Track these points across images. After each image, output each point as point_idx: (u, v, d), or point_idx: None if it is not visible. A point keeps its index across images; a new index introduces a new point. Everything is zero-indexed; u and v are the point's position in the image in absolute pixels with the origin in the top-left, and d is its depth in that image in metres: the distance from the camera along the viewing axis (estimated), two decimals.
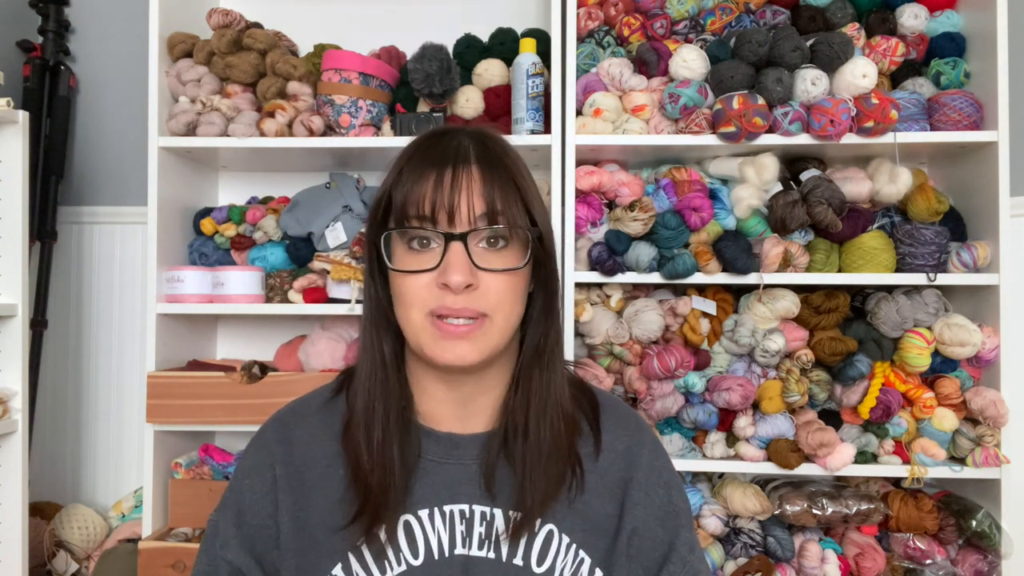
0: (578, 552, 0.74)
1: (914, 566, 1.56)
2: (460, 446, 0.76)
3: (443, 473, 0.75)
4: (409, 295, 0.69)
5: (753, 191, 1.55)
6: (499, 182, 0.69)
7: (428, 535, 0.73)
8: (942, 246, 1.55)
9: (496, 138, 0.74)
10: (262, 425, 0.80)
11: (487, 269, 0.68)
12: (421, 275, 0.68)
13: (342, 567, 0.72)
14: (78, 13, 2.01)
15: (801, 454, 1.55)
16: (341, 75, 1.66)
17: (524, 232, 0.71)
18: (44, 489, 1.94)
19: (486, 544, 0.73)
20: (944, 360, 1.58)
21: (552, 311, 0.76)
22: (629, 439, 0.80)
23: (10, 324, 1.57)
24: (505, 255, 0.70)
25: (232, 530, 0.75)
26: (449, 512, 0.73)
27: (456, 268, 0.66)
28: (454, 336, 0.68)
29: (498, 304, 0.69)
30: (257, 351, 1.90)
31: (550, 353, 0.76)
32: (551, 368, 0.75)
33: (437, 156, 0.70)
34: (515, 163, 0.73)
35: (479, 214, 0.68)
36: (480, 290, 0.68)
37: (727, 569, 1.57)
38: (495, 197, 0.68)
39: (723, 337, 1.60)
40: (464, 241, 0.67)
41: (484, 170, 0.69)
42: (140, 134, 1.69)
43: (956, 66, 1.61)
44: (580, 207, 1.60)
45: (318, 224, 1.70)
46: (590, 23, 1.70)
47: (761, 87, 1.54)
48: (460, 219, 0.67)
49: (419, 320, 0.69)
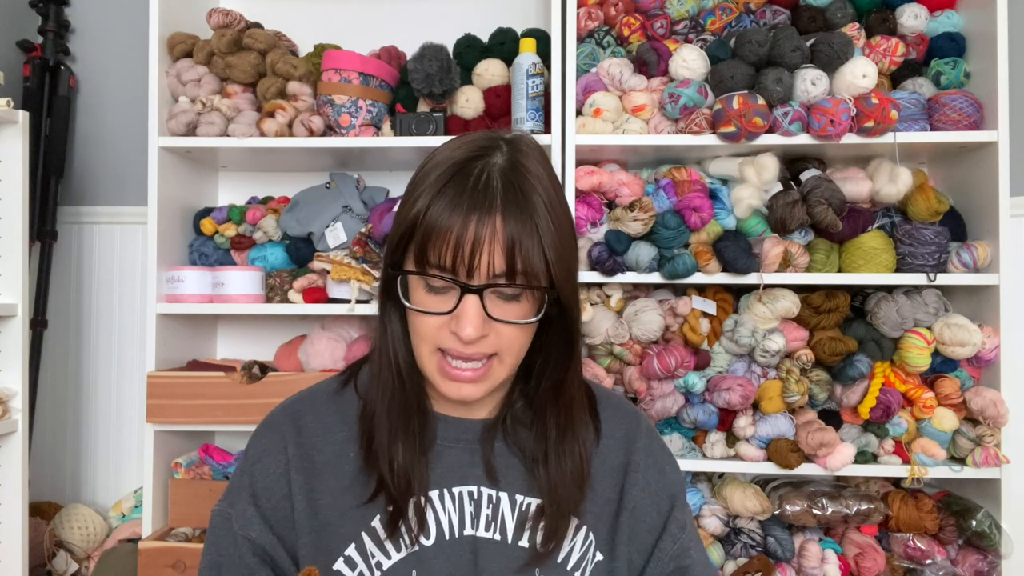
0: (588, 534, 0.76)
1: (914, 566, 1.56)
2: (467, 430, 0.78)
3: (452, 456, 0.77)
4: (421, 330, 0.71)
5: (753, 191, 1.55)
6: (524, 235, 0.66)
7: (439, 515, 0.75)
8: (942, 246, 1.55)
9: (528, 168, 0.70)
10: (269, 413, 0.81)
11: (500, 320, 0.69)
12: (434, 316, 0.69)
13: (355, 547, 0.73)
14: (78, 13, 2.01)
15: (801, 454, 1.55)
16: (341, 75, 1.66)
17: (542, 293, 0.70)
18: (44, 489, 1.94)
19: (493, 526, 0.75)
20: (944, 360, 1.58)
21: (573, 351, 0.75)
22: (627, 426, 0.83)
23: (10, 324, 1.57)
24: (519, 308, 0.70)
25: (251, 510, 0.75)
26: (458, 493, 0.76)
27: (469, 321, 0.67)
28: (461, 380, 0.70)
29: (508, 348, 0.71)
30: (257, 351, 1.90)
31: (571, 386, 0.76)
32: (575, 398, 0.77)
33: (466, 198, 0.67)
34: (547, 203, 0.69)
35: (499, 271, 0.67)
36: (490, 338, 0.69)
37: (727, 569, 1.57)
38: (516, 254, 0.66)
39: (723, 337, 1.60)
40: (480, 294, 0.67)
41: (510, 218, 0.66)
42: (140, 134, 1.69)
43: (956, 66, 1.61)
44: (580, 207, 1.60)
45: (318, 224, 1.70)
46: (590, 23, 1.70)
47: (761, 87, 1.54)
48: (479, 273, 0.66)
49: (428, 354, 0.71)
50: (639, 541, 0.79)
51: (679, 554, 0.79)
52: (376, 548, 0.73)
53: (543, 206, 0.68)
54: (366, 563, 0.73)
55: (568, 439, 0.76)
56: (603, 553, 0.77)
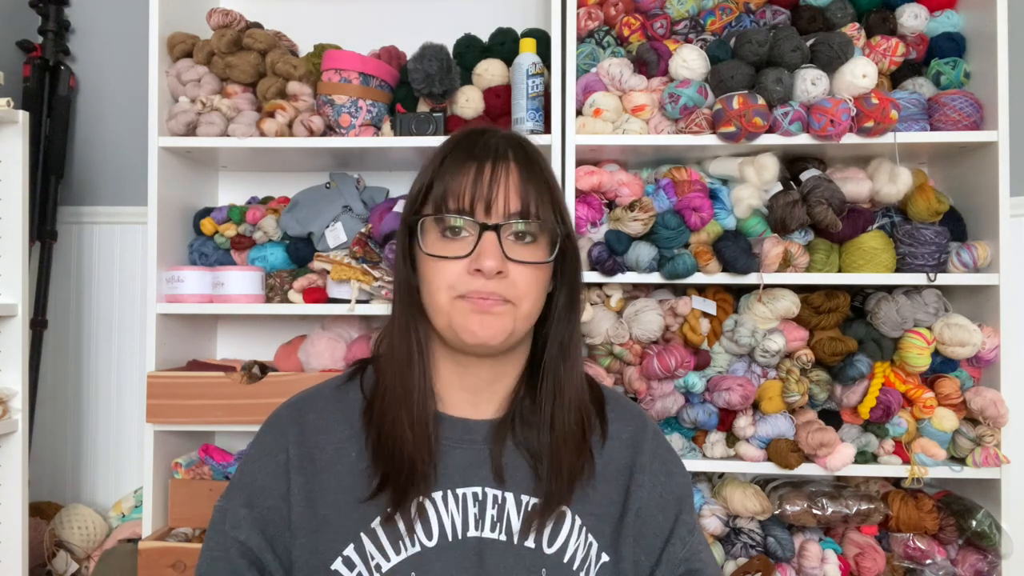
0: (588, 536, 0.76)
1: (914, 566, 1.56)
2: (472, 431, 0.78)
3: (456, 457, 0.77)
4: (439, 279, 0.72)
5: (753, 191, 1.55)
6: (534, 181, 0.74)
7: (442, 517, 0.74)
8: (942, 246, 1.55)
9: (531, 143, 0.79)
10: (274, 411, 0.82)
11: (517, 261, 0.72)
12: (452, 261, 0.72)
13: (354, 547, 0.73)
14: (78, 13, 2.01)
15: (801, 454, 1.55)
16: (341, 75, 1.66)
17: (552, 229, 0.75)
18: (44, 489, 1.94)
19: (498, 527, 0.75)
20: (944, 360, 1.58)
21: (576, 307, 0.80)
22: (633, 428, 0.83)
23: (10, 324, 1.57)
24: (533, 249, 0.74)
25: (243, 511, 0.75)
26: (463, 495, 0.75)
27: (490, 254, 0.70)
28: (483, 309, 0.71)
29: (525, 294, 0.73)
30: (257, 351, 1.90)
31: (575, 348, 0.79)
32: (575, 363, 0.79)
33: (479, 151, 0.74)
34: (549, 169, 0.78)
35: (513, 210, 0.72)
36: (508, 279, 0.72)
37: (727, 569, 1.57)
38: (530, 195, 0.73)
39: (723, 337, 1.60)
40: (498, 232, 0.71)
41: (522, 169, 0.74)
42: (140, 134, 1.69)
43: (956, 66, 1.61)
44: (580, 207, 1.60)
45: (318, 224, 1.70)
46: (590, 23, 1.70)
47: (761, 87, 1.54)
48: (496, 211, 0.72)
49: (447, 302, 0.72)
50: (646, 544, 0.79)
51: (689, 557, 0.79)
52: (375, 550, 0.73)
53: (546, 167, 0.77)
54: (365, 564, 0.72)
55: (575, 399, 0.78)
56: (609, 555, 0.77)
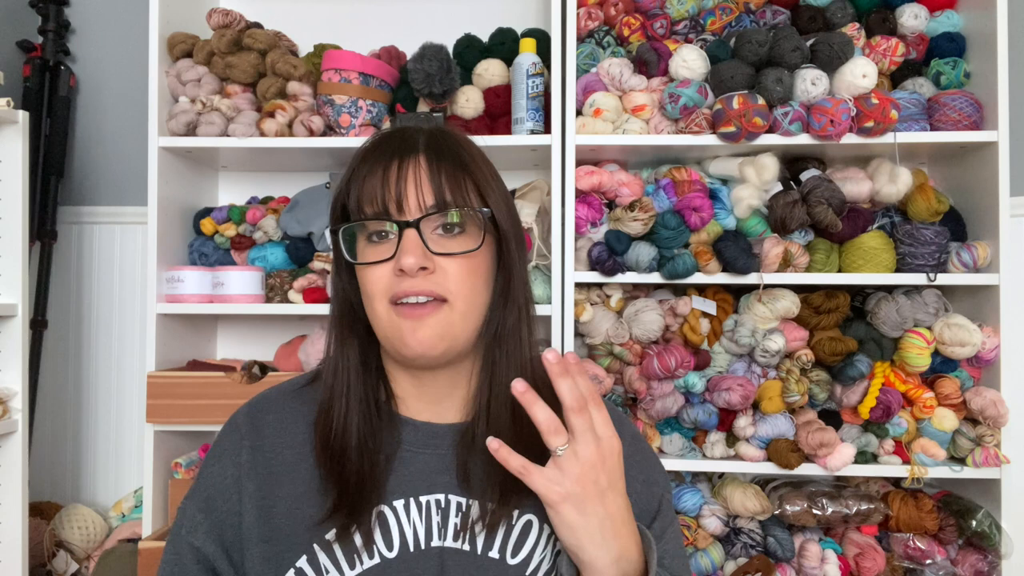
0: (556, 545, 0.72)
1: (914, 566, 1.56)
2: (437, 435, 0.75)
3: (419, 463, 0.73)
4: (371, 287, 0.70)
5: (753, 191, 1.55)
6: (447, 169, 0.70)
7: (403, 526, 0.71)
8: (942, 246, 1.55)
9: (449, 131, 0.75)
10: (237, 409, 0.79)
11: (441, 253, 0.69)
12: (380, 266, 0.69)
13: (307, 559, 0.69)
14: (78, 13, 2.01)
15: (801, 454, 1.55)
16: (341, 75, 1.66)
17: (477, 216, 0.71)
18: (44, 489, 1.94)
19: (461, 536, 0.71)
20: (944, 360, 1.57)
21: (510, 294, 0.75)
22: None
23: (10, 324, 1.57)
24: (461, 240, 0.71)
25: (200, 516, 0.73)
26: (425, 503, 0.72)
27: (408, 251, 0.67)
28: (414, 316, 0.68)
29: (457, 289, 0.69)
30: (257, 351, 1.90)
31: (510, 337, 0.75)
32: (511, 353, 0.75)
33: (385, 150, 0.72)
34: (468, 151, 0.74)
35: (429, 203, 0.69)
36: (437, 274, 0.69)
37: (727, 569, 1.57)
38: (443, 184, 0.69)
39: (723, 337, 1.60)
40: (417, 227, 0.68)
41: (431, 158, 0.71)
42: (140, 134, 1.69)
43: (956, 66, 1.61)
44: (580, 207, 1.60)
45: (318, 224, 1.70)
46: (590, 23, 1.70)
47: (761, 87, 1.54)
48: (409, 207, 0.69)
49: (383, 310, 0.70)
50: None
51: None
52: (329, 562, 0.68)
53: (465, 151, 0.73)
54: None
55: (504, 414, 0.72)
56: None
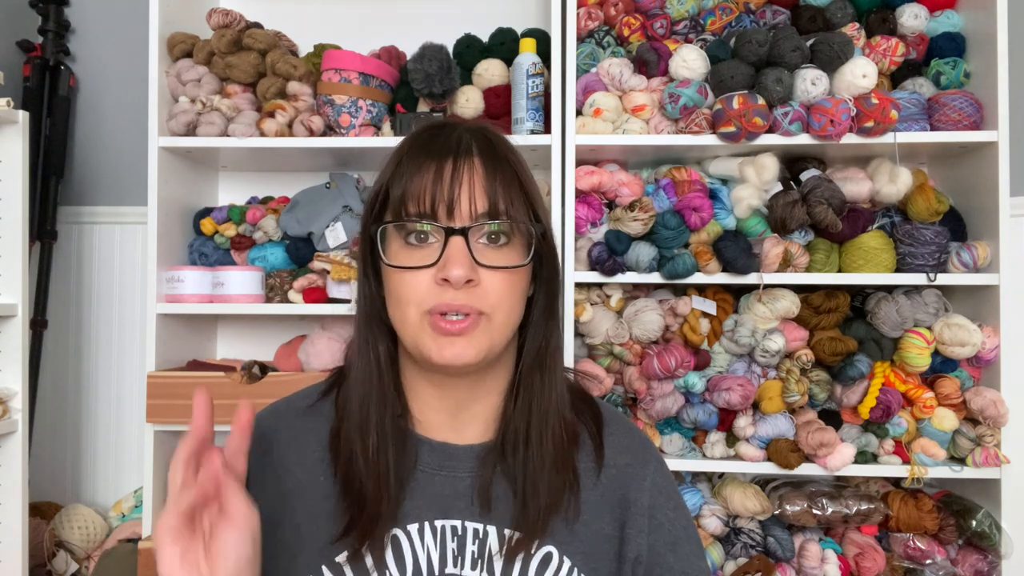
0: (572, 570, 0.69)
1: (914, 566, 1.56)
2: (454, 457, 0.71)
3: (435, 486, 0.70)
4: (406, 293, 0.65)
5: (753, 191, 1.55)
6: (502, 177, 0.66)
7: (417, 552, 0.67)
8: (942, 246, 1.55)
9: (498, 134, 0.71)
10: None
11: (488, 266, 0.65)
12: (419, 272, 0.65)
13: None
14: (78, 13, 2.01)
15: (801, 454, 1.55)
16: (341, 75, 1.66)
17: (527, 229, 0.67)
18: (44, 489, 1.93)
19: (479, 564, 0.67)
20: (944, 360, 1.57)
21: (554, 313, 0.72)
22: (632, 456, 0.75)
23: (10, 324, 1.57)
24: (506, 253, 0.66)
25: None
26: (440, 528, 0.68)
27: (457, 262, 0.63)
28: (451, 333, 0.64)
29: (498, 303, 0.65)
30: (257, 351, 1.90)
31: (551, 357, 0.72)
32: (552, 372, 0.72)
33: (437, 148, 0.67)
34: (518, 160, 0.70)
35: (481, 210, 0.65)
36: (480, 288, 0.64)
37: (727, 569, 1.57)
38: (498, 192, 0.65)
39: (723, 337, 1.60)
40: (465, 236, 0.64)
41: (487, 164, 0.66)
42: (140, 134, 1.69)
43: (956, 66, 1.61)
44: (580, 207, 1.60)
45: (318, 224, 1.70)
46: (590, 23, 1.70)
47: (761, 87, 1.54)
48: (461, 213, 0.64)
49: (416, 319, 0.65)
50: None
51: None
52: None
53: (516, 159, 0.70)
54: None
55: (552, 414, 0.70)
56: None
